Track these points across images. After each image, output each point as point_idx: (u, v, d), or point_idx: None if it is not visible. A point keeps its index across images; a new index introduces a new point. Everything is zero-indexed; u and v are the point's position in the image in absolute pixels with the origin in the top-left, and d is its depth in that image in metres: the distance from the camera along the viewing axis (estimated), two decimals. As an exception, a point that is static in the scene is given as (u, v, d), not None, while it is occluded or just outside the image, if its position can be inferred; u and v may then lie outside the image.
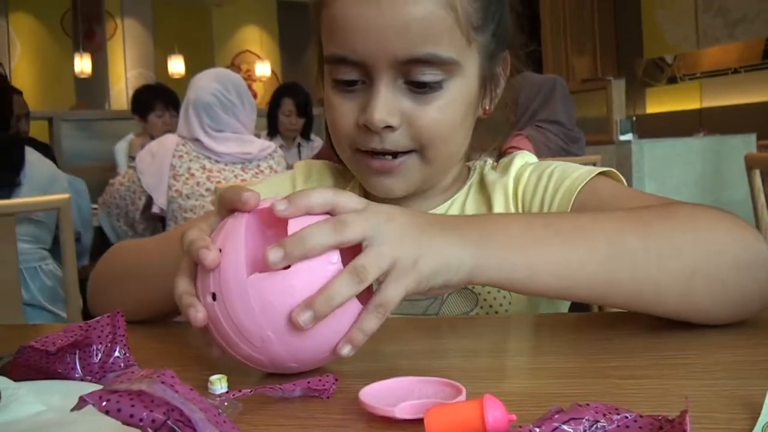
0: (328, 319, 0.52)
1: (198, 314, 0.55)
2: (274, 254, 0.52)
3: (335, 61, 0.77)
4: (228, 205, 0.58)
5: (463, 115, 0.80)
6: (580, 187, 0.79)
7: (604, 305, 0.63)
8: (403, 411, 0.45)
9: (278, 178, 1.01)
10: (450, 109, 0.77)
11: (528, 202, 0.84)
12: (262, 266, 0.53)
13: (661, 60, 8.10)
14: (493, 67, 0.83)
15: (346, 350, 0.54)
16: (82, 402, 0.34)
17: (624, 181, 0.83)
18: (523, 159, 0.90)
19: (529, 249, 0.60)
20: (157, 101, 3.76)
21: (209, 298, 0.55)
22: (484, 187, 0.89)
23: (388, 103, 0.75)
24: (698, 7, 7.78)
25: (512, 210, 0.85)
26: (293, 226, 0.54)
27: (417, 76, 0.75)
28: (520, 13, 0.86)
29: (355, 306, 0.54)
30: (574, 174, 0.82)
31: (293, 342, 0.53)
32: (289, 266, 0.53)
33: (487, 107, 0.85)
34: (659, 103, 8.11)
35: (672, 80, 8.01)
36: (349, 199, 0.56)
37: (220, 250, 0.55)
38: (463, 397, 0.47)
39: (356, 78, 0.77)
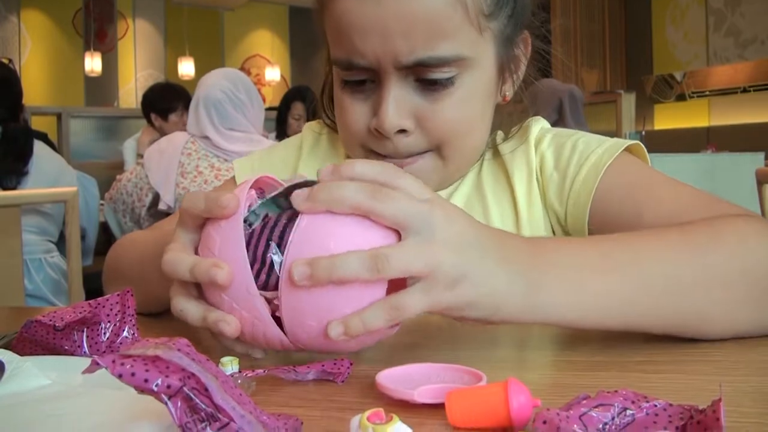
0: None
1: (230, 326, 0.51)
2: (300, 271, 0.47)
3: (342, 65, 0.74)
4: (198, 218, 0.54)
5: (481, 109, 0.77)
6: (606, 165, 0.76)
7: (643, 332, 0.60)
8: (422, 395, 0.43)
9: (286, 145, 0.97)
10: (466, 105, 0.74)
11: (549, 173, 0.81)
12: None
13: (670, 77, 8.10)
14: (510, 51, 0.79)
15: (335, 332, 0.48)
16: (94, 365, 0.33)
17: (648, 158, 0.80)
18: (539, 124, 0.86)
19: (582, 287, 0.55)
20: (179, 102, 3.72)
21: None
22: (499, 157, 0.85)
23: (399, 106, 0.72)
24: (709, 26, 7.79)
25: (533, 178, 0.81)
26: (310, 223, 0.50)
27: (427, 75, 0.71)
28: None
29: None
30: (599, 149, 0.78)
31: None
32: None
33: (507, 93, 0.81)
34: (667, 119, 8.10)
35: (681, 97, 8.00)
36: (390, 208, 0.49)
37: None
38: (483, 383, 0.45)
39: (365, 78, 0.74)
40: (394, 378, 0.47)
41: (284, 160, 0.94)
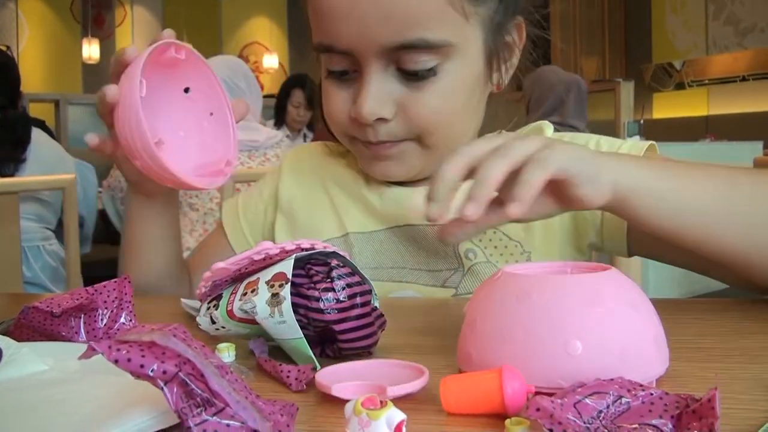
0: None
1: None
2: (471, 210, 0.51)
3: (323, 50, 0.74)
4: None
5: (465, 99, 0.75)
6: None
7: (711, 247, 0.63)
8: (339, 390, 0.43)
9: (265, 178, 0.97)
10: (448, 95, 0.73)
11: None
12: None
13: (669, 65, 8.08)
14: (501, 38, 0.77)
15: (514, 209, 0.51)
16: (90, 351, 0.33)
17: None
18: (549, 129, 0.85)
19: (676, 179, 0.60)
20: None
21: None
22: None
23: (379, 94, 0.71)
24: (708, 14, 7.77)
25: None
26: None
27: (408, 65, 0.70)
28: None
29: None
30: (625, 145, 0.78)
31: None
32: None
33: (500, 82, 0.79)
34: (666, 108, 8.09)
35: (680, 86, 7.99)
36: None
37: None
38: (425, 377, 0.44)
39: (346, 68, 0.73)
40: (334, 373, 0.47)
41: (268, 184, 0.95)
